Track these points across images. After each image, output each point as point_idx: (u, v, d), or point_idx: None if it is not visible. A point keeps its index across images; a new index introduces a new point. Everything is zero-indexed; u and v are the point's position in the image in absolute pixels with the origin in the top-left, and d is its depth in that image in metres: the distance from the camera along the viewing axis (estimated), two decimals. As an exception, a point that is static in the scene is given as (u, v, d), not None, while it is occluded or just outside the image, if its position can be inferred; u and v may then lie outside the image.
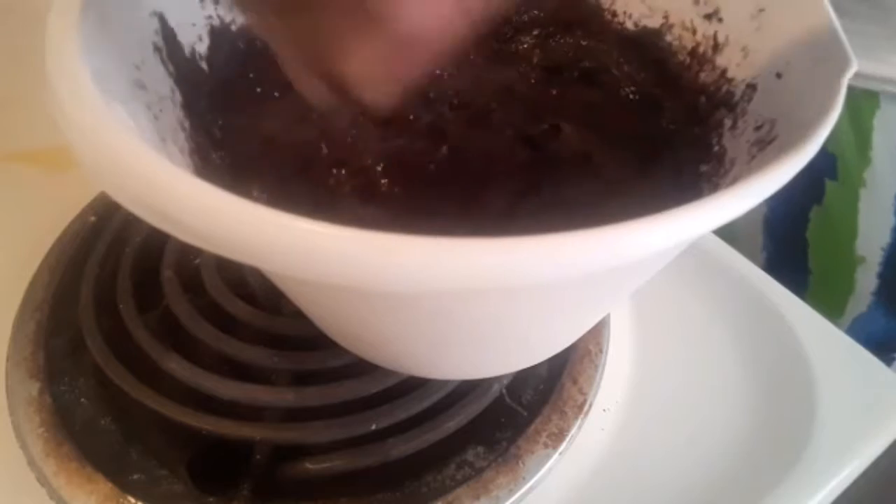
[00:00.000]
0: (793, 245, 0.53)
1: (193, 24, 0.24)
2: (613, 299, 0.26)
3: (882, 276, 0.49)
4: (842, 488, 0.29)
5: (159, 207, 0.13)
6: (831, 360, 0.33)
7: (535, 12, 0.30)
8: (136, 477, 0.26)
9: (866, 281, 0.50)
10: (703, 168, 0.23)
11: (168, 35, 0.22)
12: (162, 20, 0.22)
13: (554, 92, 0.29)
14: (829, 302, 0.52)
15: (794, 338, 0.34)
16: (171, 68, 0.22)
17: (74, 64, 0.15)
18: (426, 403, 0.28)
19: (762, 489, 0.28)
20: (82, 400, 0.29)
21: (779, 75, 0.21)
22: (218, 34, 0.25)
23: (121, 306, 0.31)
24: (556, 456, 0.27)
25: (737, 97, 0.23)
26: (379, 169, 0.26)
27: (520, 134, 0.28)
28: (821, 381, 0.32)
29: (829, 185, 0.48)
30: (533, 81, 0.29)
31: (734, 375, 0.32)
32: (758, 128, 0.21)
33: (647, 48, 0.28)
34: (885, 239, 0.47)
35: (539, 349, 0.25)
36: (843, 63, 0.18)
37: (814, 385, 0.32)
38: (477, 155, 0.29)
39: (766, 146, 0.20)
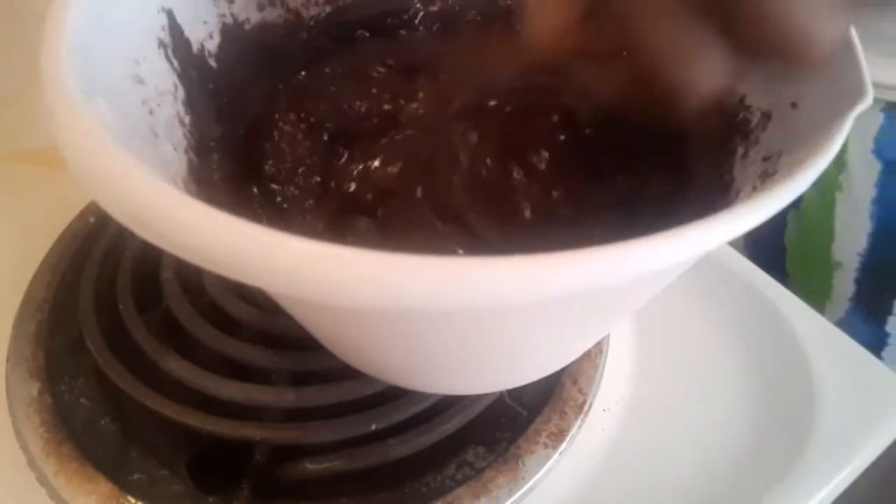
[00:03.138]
0: (770, 250, 0.52)
1: (205, 22, 0.24)
2: (617, 317, 0.26)
3: (859, 282, 0.48)
4: (842, 488, 0.29)
5: (123, 205, 0.13)
6: (831, 360, 0.33)
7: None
8: (136, 477, 0.26)
9: (844, 286, 0.49)
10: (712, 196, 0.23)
11: (175, 32, 0.22)
12: (170, 17, 0.22)
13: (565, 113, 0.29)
14: (806, 307, 0.52)
15: (794, 338, 0.34)
16: (175, 64, 0.22)
17: (60, 58, 0.15)
18: (426, 404, 0.28)
19: (762, 489, 0.28)
20: (82, 400, 0.29)
21: (794, 105, 0.20)
22: (230, 33, 0.25)
23: (121, 306, 0.31)
24: (556, 456, 0.27)
25: (752, 125, 0.22)
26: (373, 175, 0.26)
27: (524, 153, 0.27)
28: (821, 380, 0.32)
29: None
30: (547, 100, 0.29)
31: (734, 375, 0.32)
32: (765, 159, 0.20)
33: None
34: (862, 244, 0.47)
35: (544, 364, 0.25)
36: (858, 95, 0.17)
37: (814, 385, 0.32)
38: (489, 167, 0.29)
39: (767, 179, 0.19)
